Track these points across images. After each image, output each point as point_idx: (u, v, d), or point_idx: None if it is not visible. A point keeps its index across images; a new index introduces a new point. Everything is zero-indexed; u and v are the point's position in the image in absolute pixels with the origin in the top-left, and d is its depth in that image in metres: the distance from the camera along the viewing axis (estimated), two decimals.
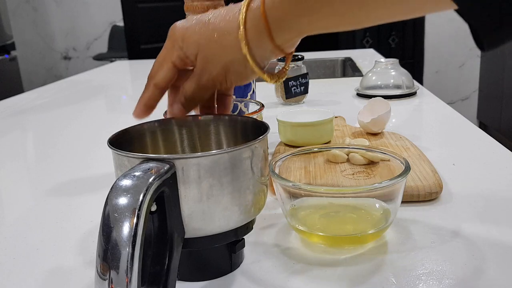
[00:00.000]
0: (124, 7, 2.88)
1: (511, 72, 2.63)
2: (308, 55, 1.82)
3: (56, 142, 0.90)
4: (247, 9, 0.37)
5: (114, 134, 0.40)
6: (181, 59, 0.41)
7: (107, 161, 0.72)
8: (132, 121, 0.44)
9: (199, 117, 0.45)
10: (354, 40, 3.50)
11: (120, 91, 1.48)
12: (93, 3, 3.74)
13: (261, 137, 0.37)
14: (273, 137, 0.72)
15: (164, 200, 0.33)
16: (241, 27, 0.37)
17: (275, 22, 0.37)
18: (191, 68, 0.43)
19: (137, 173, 0.31)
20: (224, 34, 0.38)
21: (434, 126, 0.87)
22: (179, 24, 0.41)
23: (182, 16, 0.66)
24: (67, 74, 3.83)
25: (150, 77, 0.43)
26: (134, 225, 0.27)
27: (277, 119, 0.71)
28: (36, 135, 0.98)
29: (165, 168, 0.32)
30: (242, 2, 0.38)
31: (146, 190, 0.29)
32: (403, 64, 1.10)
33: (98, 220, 0.52)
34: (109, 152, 0.37)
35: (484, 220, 0.49)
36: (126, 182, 0.30)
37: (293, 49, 0.41)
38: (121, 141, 0.39)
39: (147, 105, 0.43)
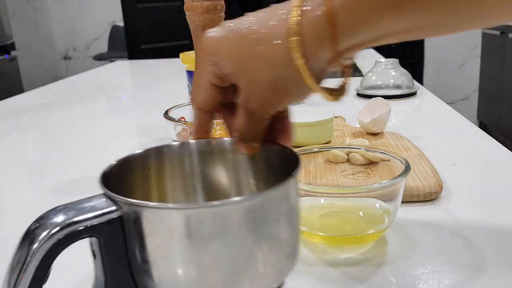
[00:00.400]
0: (124, 7, 2.88)
1: (511, 72, 2.63)
2: None
3: (56, 142, 0.90)
4: (301, 11, 0.30)
5: (113, 163, 0.33)
6: (218, 77, 0.34)
7: (108, 161, 0.72)
8: (130, 124, 0.44)
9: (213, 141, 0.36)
10: None
11: (120, 91, 1.48)
12: (93, 3, 3.74)
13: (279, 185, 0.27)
14: None
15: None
16: (295, 34, 0.30)
17: (345, 24, 0.29)
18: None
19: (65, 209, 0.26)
20: (269, 44, 0.31)
21: (434, 126, 0.87)
22: (210, 33, 0.33)
23: (182, 16, 0.66)
24: (67, 74, 3.83)
25: (192, 101, 0.37)
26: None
27: None
28: (36, 135, 0.98)
29: (105, 211, 0.26)
30: (288, 3, 0.31)
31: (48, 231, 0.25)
32: (403, 64, 1.10)
33: None
34: (110, 152, 0.36)
35: (484, 220, 0.49)
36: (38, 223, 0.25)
37: (351, 63, 0.34)
38: (124, 171, 0.33)
39: (199, 132, 0.36)
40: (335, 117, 0.82)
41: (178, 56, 0.86)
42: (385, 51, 3.31)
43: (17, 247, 0.25)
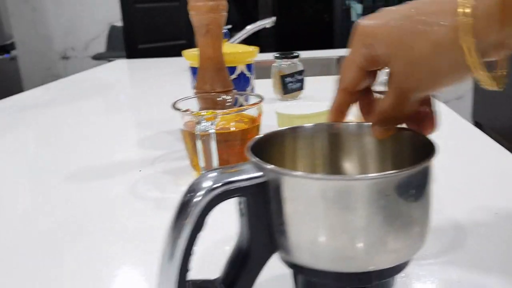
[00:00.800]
0: (122, 7, 2.92)
1: None
2: (304, 54, 1.86)
3: (55, 141, 0.92)
4: None
5: (256, 139, 0.35)
6: (369, 60, 0.35)
7: (107, 159, 0.75)
8: (132, 119, 0.46)
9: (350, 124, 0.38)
10: (349, 40, 3.55)
11: (119, 89, 1.51)
12: (91, 4, 3.77)
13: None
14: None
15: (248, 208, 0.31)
16: (466, 15, 0.29)
17: None
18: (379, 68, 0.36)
19: (219, 172, 0.30)
20: (434, 25, 0.30)
21: None
22: (367, 18, 0.35)
23: (179, 16, 0.70)
24: (65, 74, 3.85)
25: (339, 81, 0.38)
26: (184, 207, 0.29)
27: (276, 112, 0.75)
28: (36, 134, 1.00)
29: (254, 175, 0.30)
30: None
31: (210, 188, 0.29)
32: None
33: (96, 217, 0.56)
34: (109, 150, 0.38)
35: (478, 216, 0.51)
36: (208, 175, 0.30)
37: (508, 54, 0.32)
38: (261, 147, 0.35)
39: (337, 111, 0.38)
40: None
41: (176, 56, 0.89)
42: None
43: (182, 198, 0.30)
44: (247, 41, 1.23)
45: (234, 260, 0.32)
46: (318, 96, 1.11)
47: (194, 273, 0.32)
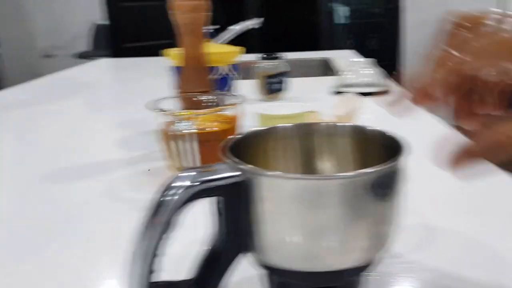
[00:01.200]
0: (108, 6, 2.89)
1: None
2: (291, 55, 1.87)
3: (33, 140, 0.90)
4: None
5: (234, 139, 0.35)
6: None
7: (85, 160, 0.75)
8: (112, 119, 0.46)
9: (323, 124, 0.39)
10: (333, 42, 3.58)
11: (101, 88, 1.50)
12: (75, 2, 3.74)
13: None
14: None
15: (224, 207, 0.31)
16: None
17: None
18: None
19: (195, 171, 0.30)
20: None
21: (403, 122, 0.92)
22: None
23: (165, 15, 0.70)
24: (48, 73, 3.80)
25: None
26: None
27: (257, 113, 0.75)
28: (14, 133, 0.98)
29: (229, 175, 0.30)
30: None
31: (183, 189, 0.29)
32: (384, 65, 1.15)
33: (74, 218, 0.55)
34: (87, 150, 0.38)
35: (449, 215, 0.53)
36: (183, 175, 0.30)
37: None
38: (241, 146, 0.35)
39: (423, 94, 0.34)
40: (312, 112, 0.86)
41: (162, 55, 0.89)
42: (367, 52, 3.40)
43: (156, 196, 0.30)
44: (234, 41, 1.23)
45: (206, 260, 0.32)
46: (302, 97, 1.11)
47: (171, 275, 0.31)
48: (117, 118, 1.07)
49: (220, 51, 0.87)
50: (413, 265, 0.42)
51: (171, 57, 0.86)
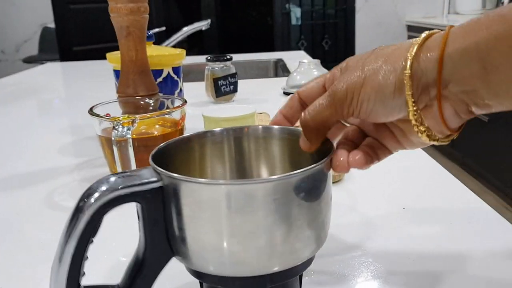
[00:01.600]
0: (55, 8, 2.80)
1: None
2: (243, 57, 1.87)
3: None
4: (419, 49, 0.30)
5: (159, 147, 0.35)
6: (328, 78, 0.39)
7: (26, 167, 0.72)
8: (56, 124, 0.46)
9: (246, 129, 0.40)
10: (289, 43, 3.61)
11: (52, 93, 1.45)
12: (22, 5, 3.60)
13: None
14: None
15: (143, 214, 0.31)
16: (407, 69, 0.30)
17: (452, 79, 0.29)
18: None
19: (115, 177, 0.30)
20: (386, 72, 0.31)
21: None
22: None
23: None
24: None
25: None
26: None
27: (202, 115, 0.74)
28: None
29: (149, 180, 0.30)
30: (416, 39, 0.31)
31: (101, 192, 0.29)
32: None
33: (7, 228, 0.53)
34: (28, 157, 0.38)
35: (388, 212, 0.55)
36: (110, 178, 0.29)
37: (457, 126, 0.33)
38: (164, 155, 0.34)
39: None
40: (260, 113, 0.86)
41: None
42: (319, 53, 3.45)
43: (76, 202, 0.29)
44: (188, 43, 1.21)
45: (131, 266, 0.32)
46: (252, 99, 1.11)
47: (104, 279, 0.30)
48: (63, 123, 1.04)
49: (163, 53, 0.85)
50: (352, 262, 0.43)
51: (112, 61, 0.84)
